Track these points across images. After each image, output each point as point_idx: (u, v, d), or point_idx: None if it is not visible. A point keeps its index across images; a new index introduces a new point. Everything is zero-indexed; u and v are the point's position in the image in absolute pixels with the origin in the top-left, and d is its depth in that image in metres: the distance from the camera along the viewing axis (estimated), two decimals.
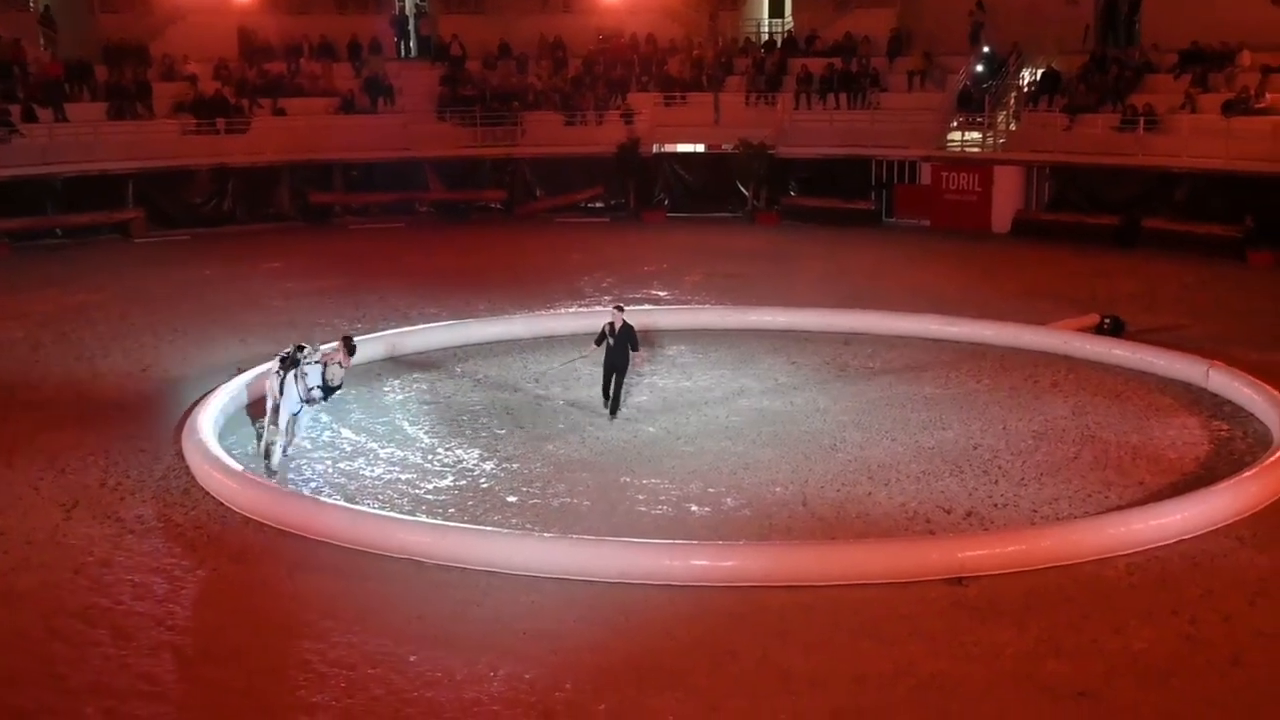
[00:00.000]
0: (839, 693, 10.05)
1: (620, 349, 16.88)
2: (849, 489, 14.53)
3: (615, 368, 17.05)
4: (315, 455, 15.95)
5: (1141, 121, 30.84)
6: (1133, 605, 11.47)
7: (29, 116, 33.14)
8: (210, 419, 16.14)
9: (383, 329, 22.10)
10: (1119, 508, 13.78)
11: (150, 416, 17.46)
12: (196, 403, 16.99)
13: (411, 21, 41.98)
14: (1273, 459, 14.36)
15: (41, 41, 37.18)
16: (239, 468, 14.61)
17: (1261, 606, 11.39)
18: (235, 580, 12.32)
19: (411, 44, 41.71)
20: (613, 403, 17.19)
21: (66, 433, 16.72)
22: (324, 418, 17.49)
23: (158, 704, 9.95)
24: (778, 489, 14.53)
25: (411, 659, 10.60)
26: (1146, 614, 11.28)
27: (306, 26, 39.51)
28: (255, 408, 17.00)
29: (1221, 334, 21.17)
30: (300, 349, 15.09)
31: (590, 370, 19.69)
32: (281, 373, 15.04)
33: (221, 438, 15.94)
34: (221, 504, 14.05)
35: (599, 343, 17.03)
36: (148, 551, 12.95)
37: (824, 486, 14.60)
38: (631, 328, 16.92)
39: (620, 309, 17.06)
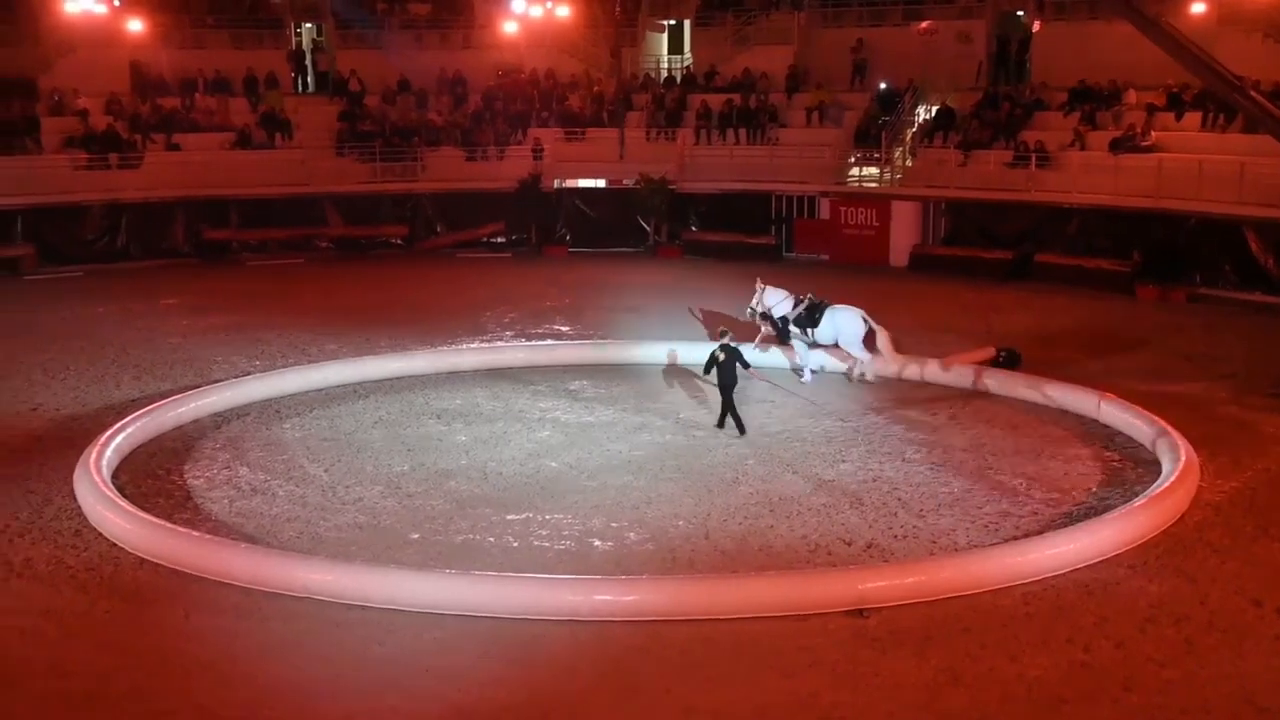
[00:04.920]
0: None
1: (729, 369, 18.09)
2: (751, 522, 14.64)
3: (726, 386, 18.21)
4: (213, 494, 15.69)
5: (1033, 158, 31.60)
6: (1029, 634, 11.69)
7: None
8: (103, 458, 15.80)
9: (281, 365, 21.86)
10: (1015, 538, 14.06)
11: (41, 456, 17.03)
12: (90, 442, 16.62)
13: (309, 56, 41.68)
14: (1161, 489, 14.75)
15: None
16: (132, 508, 14.31)
17: (1152, 634, 11.67)
18: (129, 622, 12.06)
19: (309, 79, 41.40)
20: (735, 420, 18.23)
21: None
22: (222, 455, 17.24)
23: None
24: (680, 523, 14.59)
25: (312, 700, 10.46)
26: (1042, 642, 11.50)
27: (201, 61, 39.02)
28: None
29: (1112, 366, 21.71)
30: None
31: (490, 405, 19.72)
32: None
33: (114, 477, 15.63)
34: (115, 545, 13.75)
35: (709, 370, 18.42)
36: (38, 595, 12.64)
37: (726, 520, 14.69)
38: (738, 349, 18.33)
39: (724, 333, 18.65)
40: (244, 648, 11.48)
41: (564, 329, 25.49)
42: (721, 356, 18.14)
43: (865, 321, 20.71)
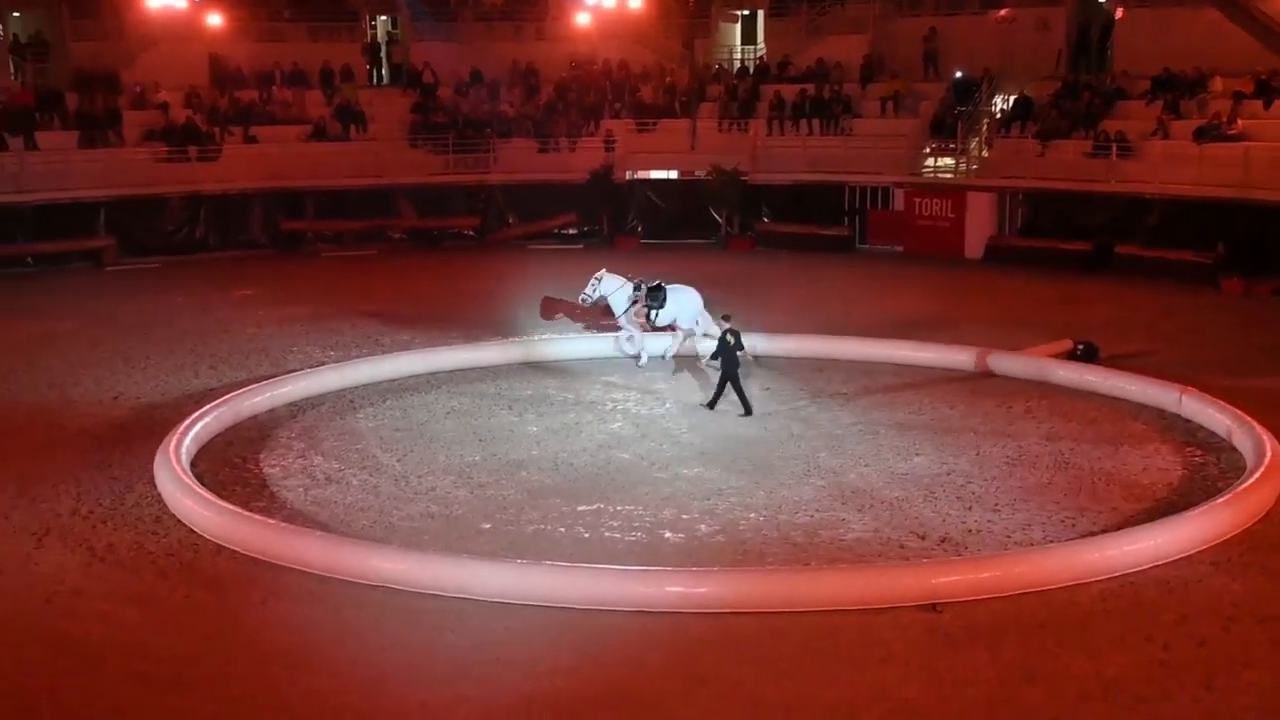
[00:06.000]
0: (811, 719, 10.02)
1: (733, 354, 18.47)
2: (823, 514, 14.53)
3: (731, 370, 18.52)
4: (288, 482, 15.87)
5: (1114, 148, 31.07)
6: (1106, 631, 11.49)
7: None
8: (182, 447, 16.03)
9: (355, 356, 22.03)
10: (1092, 533, 13.82)
11: (122, 444, 17.33)
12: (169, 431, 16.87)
13: (383, 49, 42.04)
14: (1246, 485, 14.43)
15: (12, 70, 37.03)
16: (210, 495, 14.51)
17: (1235, 633, 11.41)
18: (207, 608, 12.23)
19: (383, 71, 41.76)
20: (741, 399, 18.54)
21: (38, 461, 16.60)
22: (297, 444, 17.44)
23: None
24: (751, 515, 14.52)
25: (385, 687, 10.53)
26: (1120, 639, 11.30)
27: (278, 53, 39.49)
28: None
29: (1194, 360, 21.27)
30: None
31: (561, 396, 19.77)
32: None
33: (193, 465, 15.86)
34: (194, 532, 13.95)
35: (716, 356, 18.81)
36: (119, 580, 12.86)
37: (798, 512, 14.60)
38: (738, 333, 18.63)
39: (727, 318, 18.94)
40: (318, 635, 11.59)
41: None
42: (732, 341, 18.39)
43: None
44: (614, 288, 21.35)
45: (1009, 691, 10.39)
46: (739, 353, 18.61)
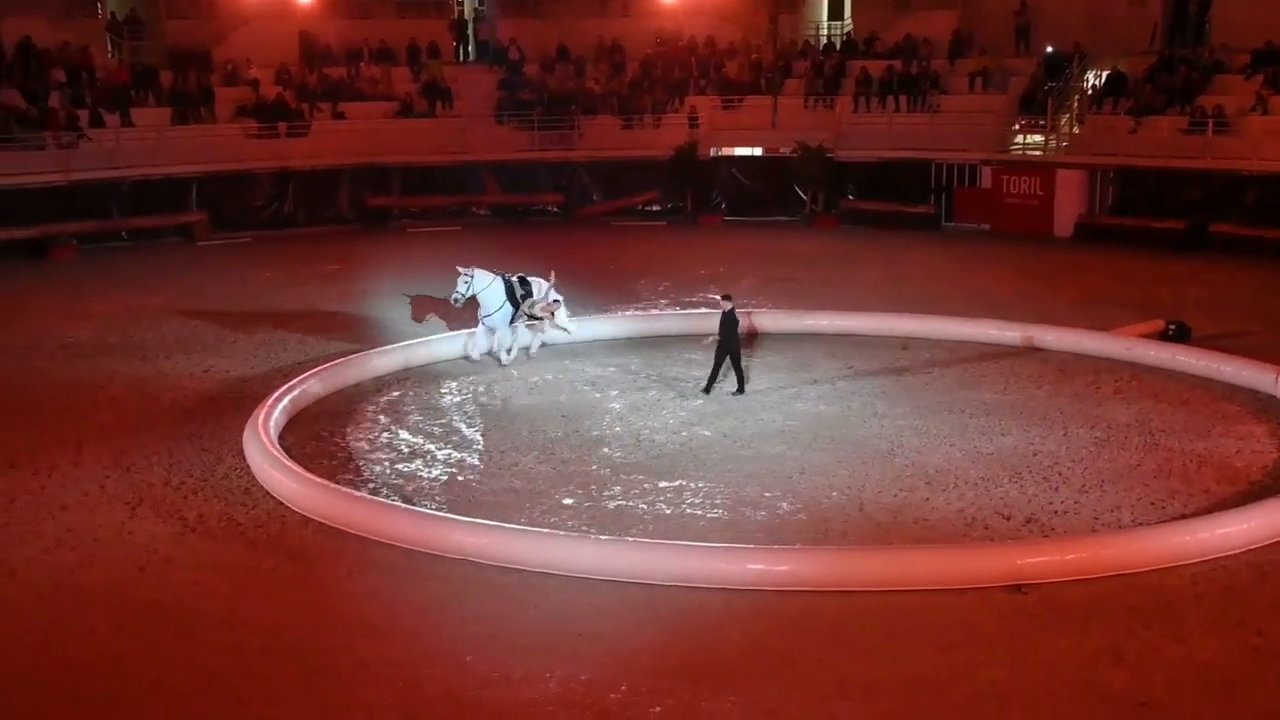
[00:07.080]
0: (894, 699, 9.97)
1: (733, 334, 18.33)
2: (906, 494, 14.42)
3: (731, 351, 18.44)
4: (374, 456, 16.07)
5: (1210, 123, 30.36)
6: (1197, 615, 11.28)
7: (96, 121, 33.68)
8: (271, 420, 16.29)
9: (440, 331, 22.18)
10: (1183, 516, 13.57)
11: (212, 417, 17.63)
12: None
13: (470, 25, 42.25)
14: None
15: (109, 48, 37.79)
16: (298, 468, 14.73)
17: None
18: (294, 579, 12.43)
19: (470, 48, 41.97)
20: (712, 377, 18.55)
21: (131, 432, 16.95)
22: (382, 419, 17.64)
23: (219, 700, 10.06)
24: (834, 493, 14.45)
25: (468, 659, 10.64)
26: (1211, 624, 11.09)
27: (366, 30, 39.91)
28: None
29: None
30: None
31: (645, 372, 19.79)
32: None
33: (281, 438, 16.11)
34: (281, 503, 14.17)
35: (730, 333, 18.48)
36: (210, 550, 13.10)
37: (881, 491, 14.50)
38: (735, 315, 18.48)
39: (728, 298, 18.53)
40: (402, 607, 11.73)
41: (718, 298, 25.33)
42: (739, 320, 18.56)
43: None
44: (485, 284, 20.18)
45: (1095, 674, 10.25)
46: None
